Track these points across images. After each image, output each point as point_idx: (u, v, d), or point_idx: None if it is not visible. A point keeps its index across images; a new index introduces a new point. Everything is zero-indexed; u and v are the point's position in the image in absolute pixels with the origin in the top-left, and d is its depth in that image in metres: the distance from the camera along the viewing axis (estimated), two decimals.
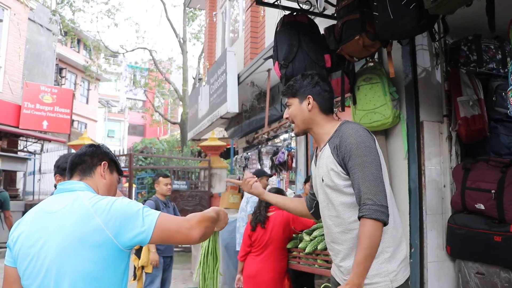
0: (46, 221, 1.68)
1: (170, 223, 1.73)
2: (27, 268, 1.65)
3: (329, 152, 2.14)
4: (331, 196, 2.15)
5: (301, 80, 2.31)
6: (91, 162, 1.91)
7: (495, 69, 3.52)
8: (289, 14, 3.62)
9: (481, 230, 3.12)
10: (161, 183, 5.29)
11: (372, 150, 2.04)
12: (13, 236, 1.74)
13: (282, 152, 7.52)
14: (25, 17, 16.64)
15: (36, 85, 16.77)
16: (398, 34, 2.85)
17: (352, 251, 2.09)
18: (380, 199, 1.94)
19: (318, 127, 2.27)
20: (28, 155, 16.25)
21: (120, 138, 36.44)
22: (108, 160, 1.96)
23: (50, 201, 1.77)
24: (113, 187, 1.98)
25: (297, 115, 2.30)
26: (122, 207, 1.68)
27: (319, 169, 2.22)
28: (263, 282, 3.98)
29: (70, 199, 1.71)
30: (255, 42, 8.40)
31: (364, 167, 1.99)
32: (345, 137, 2.07)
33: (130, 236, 1.65)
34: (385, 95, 3.38)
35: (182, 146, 20.01)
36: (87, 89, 26.80)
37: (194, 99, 10.89)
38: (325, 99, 2.29)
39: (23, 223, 1.74)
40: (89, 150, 1.94)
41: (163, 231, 1.69)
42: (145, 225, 1.66)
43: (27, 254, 1.65)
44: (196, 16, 23.14)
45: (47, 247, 1.61)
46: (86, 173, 1.89)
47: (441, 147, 3.53)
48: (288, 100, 2.35)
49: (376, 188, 1.96)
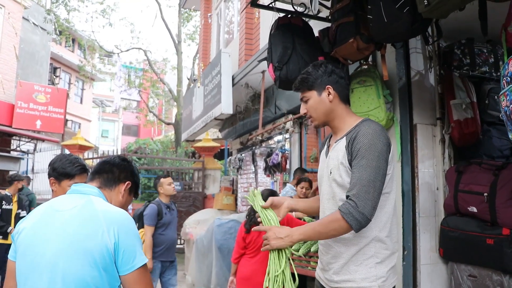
0: (52, 218, 1.68)
1: (148, 277, 1.74)
2: (25, 261, 1.65)
3: (343, 145, 2.06)
4: (335, 190, 2.09)
5: (315, 71, 2.17)
6: (118, 176, 1.94)
7: (487, 73, 3.54)
8: (284, 16, 3.63)
9: (474, 232, 3.13)
10: (164, 184, 5.16)
11: (381, 157, 1.94)
12: (18, 228, 1.75)
13: (276, 154, 7.53)
14: (20, 15, 16.57)
15: (30, 84, 16.70)
16: (392, 37, 2.85)
17: (344, 252, 2.05)
18: (364, 207, 1.86)
19: (339, 120, 2.17)
20: (21, 154, 16.20)
21: (114, 138, 36.36)
22: (132, 181, 1.98)
23: (61, 200, 1.79)
24: (125, 207, 1.98)
25: (318, 108, 2.17)
26: (134, 230, 1.72)
27: (330, 160, 2.15)
28: (257, 284, 3.98)
29: (82, 202, 1.72)
30: (249, 44, 8.40)
31: (365, 170, 1.91)
32: (361, 134, 1.98)
33: (122, 261, 1.66)
34: (378, 97, 3.39)
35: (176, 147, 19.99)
36: (81, 88, 26.72)
37: (189, 100, 10.88)
38: (343, 87, 2.18)
39: (30, 217, 1.75)
40: (121, 164, 1.97)
41: (139, 278, 1.69)
42: (134, 261, 1.68)
43: (27, 247, 1.66)
44: (191, 17, 23.14)
45: (48, 245, 1.62)
46: (108, 184, 1.91)
47: (434, 150, 3.54)
48: (304, 95, 2.21)
49: (366, 195, 1.88)
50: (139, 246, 1.71)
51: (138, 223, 5.03)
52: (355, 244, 2.01)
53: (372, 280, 1.98)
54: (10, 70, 15.98)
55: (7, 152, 15.12)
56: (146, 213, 4.96)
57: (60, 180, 2.56)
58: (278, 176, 8.39)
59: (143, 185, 18.33)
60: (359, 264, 2.00)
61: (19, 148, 16.48)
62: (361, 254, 2.01)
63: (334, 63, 2.23)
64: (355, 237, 2.01)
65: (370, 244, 2.00)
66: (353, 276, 2.00)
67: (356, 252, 2.01)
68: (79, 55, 26.40)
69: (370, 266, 2.00)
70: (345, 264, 2.03)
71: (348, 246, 2.03)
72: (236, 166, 9.65)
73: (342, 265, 2.04)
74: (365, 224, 1.89)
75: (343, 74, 2.19)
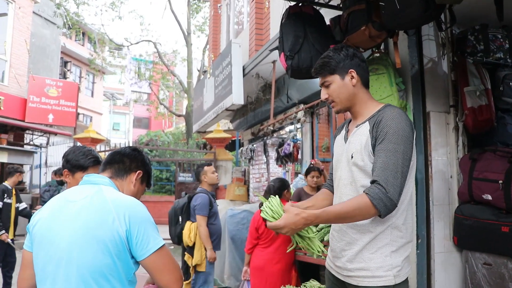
0: (65, 208, 1.71)
1: (169, 257, 1.76)
2: (42, 251, 1.69)
3: (367, 130, 2.01)
4: (356, 175, 2.03)
5: (336, 54, 2.11)
6: (129, 165, 1.96)
7: (502, 59, 3.49)
8: (295, 5, 3.61)
9: (488, 220, 3.11)
10: (208, 172, 4.96)
11: (408, 142, 1.90)
12: (33, 220, 1.78)
13: (288, 144, 7.52)
14: (30, 10, 16.63)
15: (42, 78, 16.81)
16: (404, 24, 2.82)
17: (358, 239, 2.01)
18: (392, 192, 1.83)
19: (360, 105, 2.13)
20: (34, 148, 16.35)
21: (125, 131, 36.55)
22: (143, 171, 2.00)
23: (74, 191, 1.81)
24: (137, 196, 1.98)
25: (342, 92, 2.11)
26: (145, 215, 1.73)
27: (350, 145, 2.09)
28: (270, 274, 4.00)
29: (92, 191, 1.75)
30: (260, 34, 8.37)
31: (392, 154, 1.87)
32: (387, 118, 1.94)
33: (136, 247, 1.67)
34: (391, 85, 3.36)
35: (188, 139, 20.08)
36: (92, 82, 26.86)
37: (199, 91, 10.89)
38: (364, 71, 2.14)
39: (44, 208, 1.78)
40: (132, 154, 1.99)
41: (158, 261, 1.71)
42: (149, 245, 1.69)
43: (43, 237, 1.69)
44: (201, 8, 23.14)
45: (62, 234, 1.65)
46: (119, 174, 1.93)
47: (448, 138, 3.51)
48: (325, 79, 2.14)
49: (395, 180, 1.84)
50: (153, 230, 1.72)
51: (182, 216, 4.90)
52: (370, 231, 1.98)
53: (388, 269, 1.94)
54: (21, 64, 16.08)
55: (20, 146, 15.27)
56: (197, 203, 4.74)
57: (73, 172, 2.58)
58: (290, 166, 8.38)
59: (155, 177, 18.48)
60: (374, 252, 1.97)
61: (32, 142, 16.64)
62: (376, 241, 1.97)
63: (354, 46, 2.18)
64: (371, 223, 1.97)
65: (386, 231, 1.97)
66: (367, 264, 1.97)
67: (371, 239, 1.97)
68: (89, 48, 26.52)
69: (385, 254, 1.96)
70: (360, 252, 2.00)
71: (364, 233, 2.00)
72: (248, 157, 9.65)
73: (356, 252, 2.01)
74: (392, 210, 1.87)
75: (364, 58, 2.14)
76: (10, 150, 13.54)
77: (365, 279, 1.96)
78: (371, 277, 1.95)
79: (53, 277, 1.63)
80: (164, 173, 18.56)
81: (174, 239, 5.00)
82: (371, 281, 1.95)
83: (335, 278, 2.16)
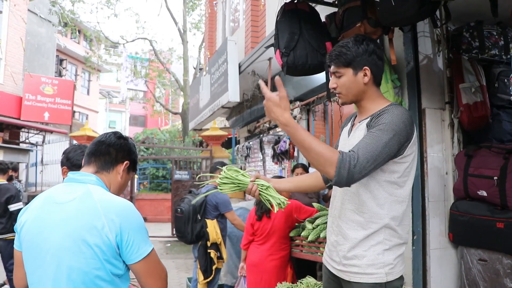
0: (53, 211, 1.66)
1: (157, 263, 1.75)
2: (31, 255, 1.66)
3: (365, 125, 1.99)
4: None
5: (355, 47, 2.02)
6: (115, 157, 1.86)
7: (497, 55, 3.50)
8: (290, 1, 3.60)
9: (484, 216, 3.12)
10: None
11: (395, 137, 1.83)
12: (20, 220, 1.74)
13: (284, 141, 7.53)
14: (25, 8, 16.58)
15: (37, 76, 16.75)
16: (399, 20, 2.82)
17: (352, 235, 2.00)
18: (359, 172, 1.75)
19: (367, 101, 2.08)
20: (30, 146, 16.30)
21: (122, 129, 36.48)
22: (130, 160, 1.91)
23: (60, 190, 1.74)
24: (124, 186, 1.95)
25: (351, 87, 2.05)
26: (136, 220, 1.70)
27: (352, 139, 2.05)
28: (266, 271, 4.00)
29: (80, 192, 1.69)
30: (255, 31, 8.36)
31: (375, 140, 1.81)
32: (386, 113, 1.90)
33: (126, 252, 1.66)
34: (386, 82, 3.37)
35: (184, 136, 20.05)
36: (88, 80, 26.79)
37: (195, 89, 10.87)
38: (379, 69, 2.07)
39: (30, 208, 1.74)
40: (117, 143, 1.88)
41: (146, 266, 1.70)
42: (139, 250, 1.68)
43: (31, 241, 1.66)
44: (196, 6, 23.06)
45: (51, 239, 1.61)
46: (105, 167, 1.84)
47: (443, 134, 3.52)
48: (338, 70, 2.07)
49: (365, 163, 1.77)
50: (143, 236, 1.69)
51: (200, 214, 4.86)
52: (364, 229, 1.97)
53: (379, 267, 1.94)
54: (17, 62, 16.03)
55: (16, 145, 15.22)
56: (220, 200, 4.79)
57: (73, 170, 2.57)
58: (286, 164, 8.39)
59: (151, 175, 18.45)
60: (367, 249, 1.96)
61: (28, 140, 16.59)
62: (370, 239, 1.97)
63: (375, 41, 2.10)
64: (365, 222, 1.97)
65: (380, 231, 1.96)
66: (360, 261, 1.97)
67: (365, 237, 1.97)
68: (85, 46, 26.44)
69: (378, 252, 1.95)
70: (353, 248, 1.99)
71: (357, 230, 1.99)
72: (244, 154, 9.66)
73: (349, 249, 2.00)
74: (342, 185, 1.80)
75: (382, 55, 2.08)
76: (5, 148, 13.48)
77: (357, 275, 1.97)
78: (362, 274, 1.95)
79: (44, 282, 1.61)
80: (160, 171, 18.52)
81: (188, 236, 4.88)
82: (362, 277, 1.96)
83: (330, 273, 2.17)
